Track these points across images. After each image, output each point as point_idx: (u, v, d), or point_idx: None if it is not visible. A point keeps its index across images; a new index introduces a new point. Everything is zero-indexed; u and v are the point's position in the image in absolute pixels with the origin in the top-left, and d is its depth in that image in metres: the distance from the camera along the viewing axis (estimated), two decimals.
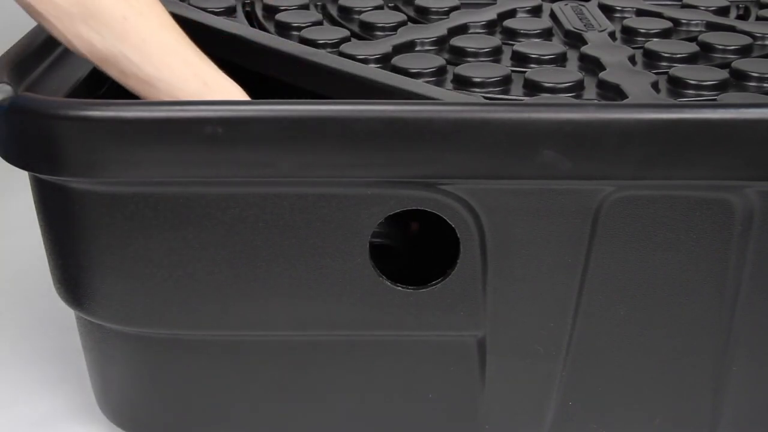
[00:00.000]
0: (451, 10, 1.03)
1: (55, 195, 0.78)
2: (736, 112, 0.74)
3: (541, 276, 0.79)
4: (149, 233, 0.77)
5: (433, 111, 0.74)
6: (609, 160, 0.74)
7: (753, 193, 0.76)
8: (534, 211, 0.77)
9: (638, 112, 0.74)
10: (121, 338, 0.83)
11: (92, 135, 0.73)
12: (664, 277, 0.79)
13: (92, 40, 0.79)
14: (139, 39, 0.79)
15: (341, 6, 1.05)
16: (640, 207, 0.77)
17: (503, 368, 0.83)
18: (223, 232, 0.77)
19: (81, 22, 0.79)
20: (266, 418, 0.86)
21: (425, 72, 0.88)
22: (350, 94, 0.85)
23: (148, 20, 0.80)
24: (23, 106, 0.74)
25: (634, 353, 0.82)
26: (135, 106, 0.76)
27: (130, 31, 0.79)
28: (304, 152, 0.73)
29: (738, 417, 0.85)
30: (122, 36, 0.79)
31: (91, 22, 0.78)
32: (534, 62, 0.90)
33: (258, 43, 0.94)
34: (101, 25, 0.78)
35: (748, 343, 0.82)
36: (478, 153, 0.74)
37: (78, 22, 0.79)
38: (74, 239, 0.78)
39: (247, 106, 0.74)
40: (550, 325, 0.81)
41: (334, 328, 0.80)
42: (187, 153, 0.73)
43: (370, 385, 0.84)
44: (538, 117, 0.73)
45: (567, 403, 0.84)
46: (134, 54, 0.79)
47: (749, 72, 0.87)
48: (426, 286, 0.79)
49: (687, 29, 1.01)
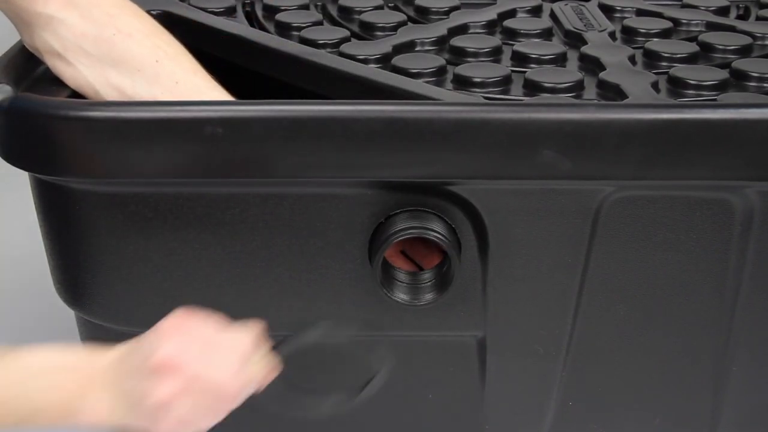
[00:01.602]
0: (451, 10, 1.03)
1: (55, 195, 0.78)
2: (736, 112, 0.74)
3: (541, 276, 0.79)
4: (149, 233, 0.77)
5: (433, 111, 0.74)
6: (609, 160, 0.74)
7: (753, 193, 0.76)
8: (534, 211, 0.77)
9: (638, 112, 0.74)
10: (121, 338, 0.83)
11: (92, 135, 0.73)
12: (664, 277, 0.79)
13: (122, 86, 0.79)
14: (172, 82, 0.79)
15: (341, 6, 1.05)
16: (640, 207, 0.77)
17: (503, 368, 0.83)
18: (223, 232, 0.77)
19: (110, 67, 0.79)
20: (265, 419, 0.86)
21: (425, 72, 0.88)
22: (350, 94, 0.85)
23: (180, 64, 0.80)
24: (23, 107, 0.74)
25: (634, 353, 0.82)
26: (135, 106, 0.76)
27: (162, 75, 0.79)
28: (304, 152, 0.73)
29: (738, 417, 0.85)
30: (154, 79, 0.79)
31: (121, 68, 0.79)
32: (534, 62, 0.90)
33: (258, 43, 0.94)
34: (133, 70, 0.79)
35: (748, 343, 0.82)
36: (478, 153, 0.74)
37: (108, 67, 0.79)
38: (74, 239, 0.78)
39: (246, 106, 0.74)
40: (550, 325, 0.81)
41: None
42: (187, 153, 0.73)
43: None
44: (538, 117, 0.73)
45: (567, 403, 0.84)
46: (167, 97, 0.79)
47: (749, 72, 0.87)
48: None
49: (687, 29, 1.00)
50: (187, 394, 0.64)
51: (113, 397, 0.66)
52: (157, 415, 0.64)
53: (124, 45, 0.79)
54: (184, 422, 0.65)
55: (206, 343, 0.65)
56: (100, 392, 0.66)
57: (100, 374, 0.66)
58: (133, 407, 0.65)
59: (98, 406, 0.66)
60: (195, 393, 0.64)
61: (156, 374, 0.64)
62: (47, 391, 0.65)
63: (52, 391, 0.65)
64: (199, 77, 0.80)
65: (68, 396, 0.65)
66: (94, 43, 0.78)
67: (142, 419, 0.65)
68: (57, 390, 0.65)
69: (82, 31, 0.78)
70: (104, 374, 0.66)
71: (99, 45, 0.78)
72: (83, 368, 0.66)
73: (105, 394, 0.66)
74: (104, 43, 0.79)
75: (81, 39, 0.78)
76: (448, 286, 0.77)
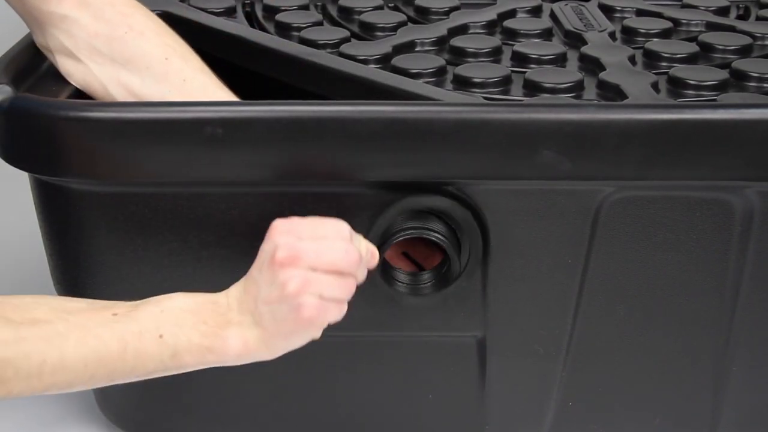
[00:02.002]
0: (451, 10, 1.03)
1: (55, 195, 0.78)
2: (736, 113, 0.74)
3: (541, 276, 0.79)
4: (149, 233, 0.77)
5: (433, 112, 0.74)
6: (609, 160, 0.74)
7: (753, 193, 0.76)
8: (534, 211, 0.77)
9: (638, 112, 0.74)
10: None
11: (92, 136, 0.73)
12: (664, 277, 0.79)
13: (131, 84, 0.80)
14: (180, 79, 0.80)
15: (341, 6, 1.05)
16: (640, 207, 0.77)
17: (503, 368, 0.83)
18: (223, 232, 0.77)
19: (121, 65, 0.80)
20: (266, 419, 0.86)
21: (425, 72, 0.88)
22: (350, 94, 0.85)
23: (188, 62, 0.81)
24: (23, 107, 0.74)
25: (634, 353, 0.82)
26: (135, 106, 0.76)
27: (170, 72, 0.80)
28: (304, 153, 0.73)
29: (738, 417, 0.85)
30: (163, 77, 0.80)
31: (131, 66, 0.80)
32: (534, 62, 0.90)
33: (258, 44, 0.94)
34: (143, 68, 0.80)
35: (748, 343, 0.82)
36: (478, 153, 0.74)
37: (118, 66, 0.80)
38: (74, 239, 0.78)
39: (246, 106, 0.74)
40: (550, 325, 0.81)
41: (334, 328, 0.80)
42: (187, 153, 0.73)
43: (371, 386, 0.84)
44: (538, 117, 0.73)
45: (567, 403, 0.84)
46: (175, 95, 0.80)
47: (749, 72, 0.87)
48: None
49: (687, 29, 1.00)
50: (315, 277, 0.68)
51: (252, 323, 0.69)
52: (297, 304, 0.68)
53: (135, 43, 0.80)
54: (324, 301, 0.69)
55: (313, 233, 0.70)
56: (237, 326, 0.69)
57: (235, 309, 0.70)
58: (274, 316, 0.69)
59: (241, 337, 0.69)
60: (320, 275, 0.69)
61: (281, 270, 0.68)
62: (183, 334, 0.69)
63: (190, 334, 0.69)
64: (206, 76, 0.82)
65: (208, 335, 0.69)
66: (106, 41, 0.80)
67: (285, 319, 0.68)
68: (194, 332, 0.69)
69: (95, 30, 0.79)
70: (239, 307, 0.70)
71: (111, 43, 0.80)
72: (212, 309, 0.70)
73: (243, 324, 0.69)
74: (116, 42, 0.80)
75: (93, 38, 0.79)
76: (449, 285, 0.77)
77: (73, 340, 0.65)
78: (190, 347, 0.69)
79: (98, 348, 0.66)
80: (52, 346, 0.65)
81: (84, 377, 0.67)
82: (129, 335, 0.67)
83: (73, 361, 0.65)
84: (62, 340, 0.65)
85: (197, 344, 0.69)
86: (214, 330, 0.69)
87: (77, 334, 0.66)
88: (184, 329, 0.69)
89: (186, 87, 0.80)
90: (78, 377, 0.66)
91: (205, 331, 0.69)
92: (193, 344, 0.69)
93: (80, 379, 0.67)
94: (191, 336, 0.69)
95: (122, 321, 0.67)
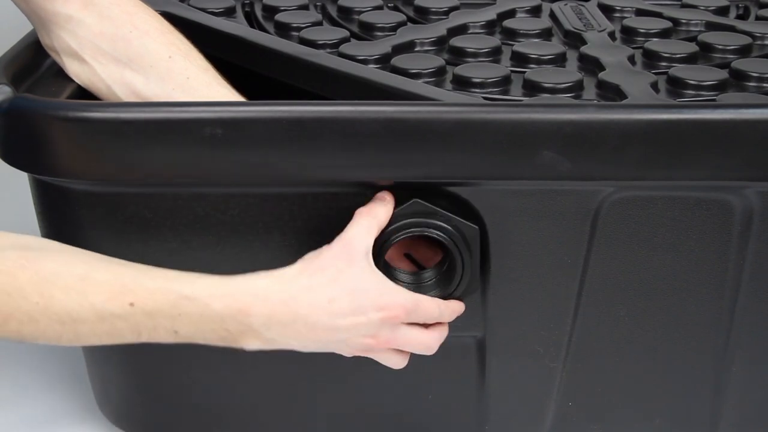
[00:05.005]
0: (450, 10, 1.03)
1: (55, 196, 0.78)
2: (735, 113, 0.74)
3: (541, 276, 0.79)
4: (148, 233, 0.77)
5: (432, 112, 0.74)
6: (609, 160, 0.74)
7: (753, 193, 0.76)
8: (534, 211, 0.77)
9: (638, 112, 0.74)
10: None
11: (92, 136, 0.73)
12: (664, 278, 0.79)
13: (135, 83, 0.80)
14: (184, 77, 0.80)
15: (341, 6, 1.05)
16: (640, 207, 0.77)
17: (503, 368, 0.83)
18: (223, 232, 0.77)
19: (125, 65, 0.80)
20: (264, 419, 0.86)
21: (425, 72, 0.88)
22: (350, 94, 0.85)
23: (192, 61, 0.82)
24: (23, 108, 0.74)
25: (634, 353, 0.82)
26: (134, 107, 0.76)
27: (174, 70, 0.80)
28: (304, 153, 0.73)
29: (738, 417, 0.85)
30: (167, 75, 0.80)
31: (135, 65, 0.80)
32: (533, 62, 0.90)
33: (258, 44, 0.94)
34: (147, 66, 0.80)
35: (748, 343, 0.82)
36: (478, 153, 0.74)
37: (122, 65, 0.80)
38: (74, 239, 0.78)
39: (246, 107, 0.74)
40: (550, 325, 0.81)
41: None
42: (187, 154, 0.73)
43: (371, 386, 0.84)
44: (538, 118, 0.73)
45: (567, 403, 0.84)
46: (178, 93, 0.80)
47: (749, 72, 0.87)
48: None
49: (687, 29, 1.00)
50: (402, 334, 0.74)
51: (283, 341, 0.72)
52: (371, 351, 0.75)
53: (139, 42, 0.80)
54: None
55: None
56: (261, 341, 0.72)
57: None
58: (326, 346, 0.73)
59: (260, 345, 0.72)
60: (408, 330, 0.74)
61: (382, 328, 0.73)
62: (200, 334, 0.71)
63: (208, 336, 0.71)
64: (209, 74, 0.82)
65: (227, 340, 0.71)
66: (111, 41, 0.80)
67: (336, 348, 0.74)
68: (212, 335, 0.71)
69: (100, 30, 0.80)
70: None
71: (115, 43, 0.80)
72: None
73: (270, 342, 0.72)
74: (121, 41, 0.80)
75: (98, 38, 0.80)
76: (450, 283, 0.77)
77: (89, 325, 0.68)
78: (205, 342, 0.71)
79: (112, 333, 0.69)
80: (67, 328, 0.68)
81: (90, 341, 0.70)
82: (143, 329, 0.69)
83: (87, 337, 0.69)
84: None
85: (213, 341, 0.71)
86: (235, 337, 0.71)
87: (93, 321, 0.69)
88: (203, 332, 0.70)
89: (190, 85, 0.80)
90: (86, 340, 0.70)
91: (225, 336, 0.71)
92: (208, 341, 0.71)
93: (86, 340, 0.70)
94: (208, 337, 0.71)
95: (137, 314, 0.68)
